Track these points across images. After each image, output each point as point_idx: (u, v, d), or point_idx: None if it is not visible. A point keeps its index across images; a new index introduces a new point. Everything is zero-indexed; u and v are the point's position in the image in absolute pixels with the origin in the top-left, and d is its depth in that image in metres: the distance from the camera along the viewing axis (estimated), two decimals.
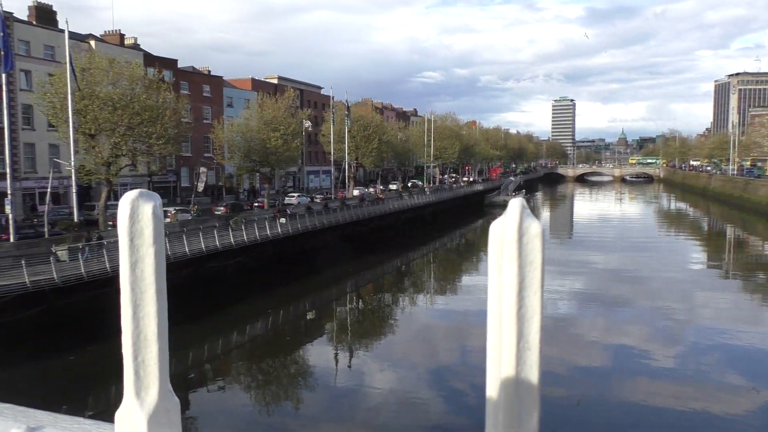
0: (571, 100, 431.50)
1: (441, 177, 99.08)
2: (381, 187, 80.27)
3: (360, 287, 39.65)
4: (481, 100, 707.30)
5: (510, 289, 1.22)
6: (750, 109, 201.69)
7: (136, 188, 1.34)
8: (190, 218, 42.11)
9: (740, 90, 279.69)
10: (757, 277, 41.74)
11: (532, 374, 1.24)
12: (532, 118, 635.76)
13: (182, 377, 21.58)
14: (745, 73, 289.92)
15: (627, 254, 46.93)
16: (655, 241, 56.91)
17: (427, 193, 72.67)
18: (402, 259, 49.43)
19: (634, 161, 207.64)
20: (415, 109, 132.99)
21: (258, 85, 75.65)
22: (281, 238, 39.83)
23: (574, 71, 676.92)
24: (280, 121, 52.56)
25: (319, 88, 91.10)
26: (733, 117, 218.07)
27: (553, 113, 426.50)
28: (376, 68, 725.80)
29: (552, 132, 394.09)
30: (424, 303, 35.27)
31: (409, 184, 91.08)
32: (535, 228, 1.18)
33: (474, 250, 57.62)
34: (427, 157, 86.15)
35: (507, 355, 1.28)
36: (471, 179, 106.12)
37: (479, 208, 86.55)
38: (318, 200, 61.91)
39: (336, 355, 25.25)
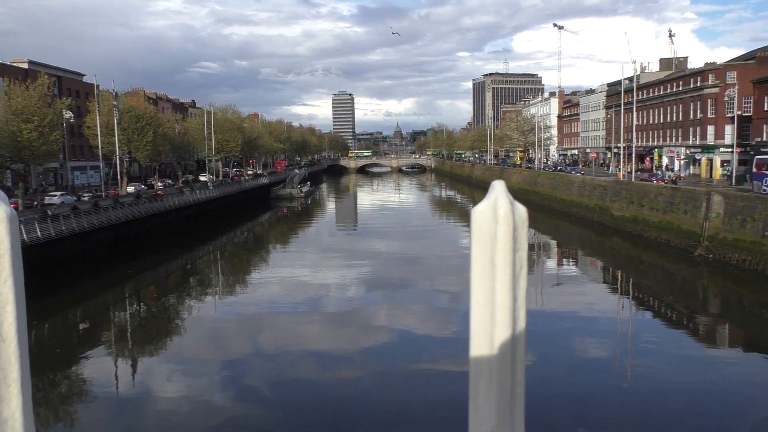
0: (350, 95, 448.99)
1: (225, 171, 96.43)
2: (160, 184, 75.70)
3: (141, 290, 36.99)
4: (263, 92, 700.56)
5: (505, 277, 1.16)
6: (502, 106, 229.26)
7: None
8: None
9: (494, 88, 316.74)
10: None
11: (520, 359, 1.19)
12: (314, 111, 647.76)
13: None
14: (497, 74, 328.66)
15: (407, 241, 50.38)
16: (430, 227, 61.93)
17: (210, 187, 70.17)
18: (187, 258, 47.21)
19: (430, 152, 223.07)
20: (193, 101, 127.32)
21: (3, 69, 66.00)
22: (43, 242, 35.40)
23: (352, 67, 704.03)
24: (33, 111, 46.58)
25: (81, 75, 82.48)
26: (489, 112, 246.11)
27: (333, 107, 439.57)
28: (148, 56, 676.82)
29: (333, 125, 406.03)
30: (213, 301, 34.11)
31: (191, 179, 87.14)
32: (522, 212, 1.14)
33: (262, 243, 57.18)
34: (208, 151, 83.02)
35: (499, 345, 1.22)
36: (256, 172, 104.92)
37: (265, 202, 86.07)
38: (86, 199, 56.20)
39: (117, 365, 23.27)
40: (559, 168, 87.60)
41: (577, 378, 20.60)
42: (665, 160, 78.95)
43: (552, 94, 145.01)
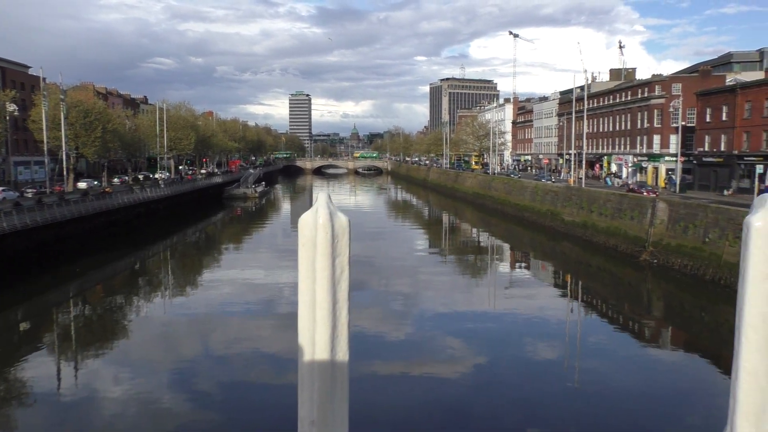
0: (307, 95, 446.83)
1: (184, 169, 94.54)
2: (117, 180, 73.92)
3: (87, 290, 35.87)
4: (219, 90, 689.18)
5: (324, 280, 1.24)
6: (458, 111, 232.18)
7: None
8: None
9: (450, 93, 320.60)
10: (467, 258, 48.33)
11: (342, 354, 1.26)
12: (270, 111, 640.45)
13: None
14: (454, 79, 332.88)
15: (363, 242, 50.33)
16: (386, 229, 62.11)
17: (162, 186, 68.61)
18: (135, 258, 46.05)
19: (358, 155, 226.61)
20: (145, 97, 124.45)
21: None
22: None
23: (309, 67, 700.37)
24: None
25: (27, 67, 79.45)
26: (445, 117, 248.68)
27: (290, 107, 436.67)
28: (99, 49, 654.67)
29: (290, 125, 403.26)
30: (163, 302, 33.36)
31: (141, 177, 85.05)
32: (343, 221, 1.21)
33: (215, 243, 56.26)
34: (160, 148, 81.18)
35: (320, 341, 1.29)
36: (209, 171, 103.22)
37: (218, 201, 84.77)
38: (29, 195, 54.13)
39: (59, 367, 22.48)
40: (511, 174, 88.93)
41: (526, 380, 20.97)
42: (614, 167, 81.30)
43: (507, 100, 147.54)
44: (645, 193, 49.31)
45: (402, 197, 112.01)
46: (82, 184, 64.63)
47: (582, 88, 74.52)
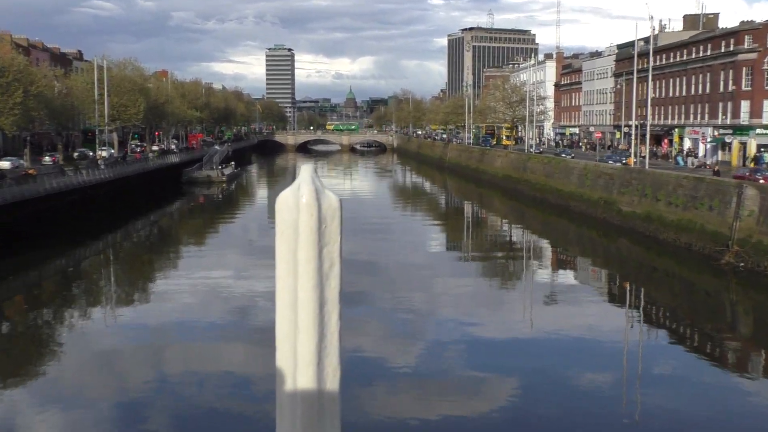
0: (289, 50, 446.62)
1: (125, 145, 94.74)
2: (48, 158, 73.88)
3: (4, 302, 36.02)
4: (175, 43, 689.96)
5: (308, 276, 1.18)
6: (485, 70, 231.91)
7: None
8: None
9: (475, 47, 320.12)
10: (495, 259, 48.37)
11: (332, 369, 1.21)
12: (242, 71, 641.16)
13: None
14: (480, 29, 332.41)
15: (361, 238, 50.37)
16: (391, 223, 62.21)
17: (102, 167, 68.76)
18: (69, 259, 46.31)
19: (331, 127, 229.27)
20: (79, 51, 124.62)
21: None
22: None
23: (292, 13, 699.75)
24: None
25: None
26: (468, 78, 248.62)
27: (267, 66, 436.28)
28: None
29: (267, 89, 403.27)
30: (104, 315, 33.53)
31: (76, 155, 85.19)
32: (333, 201, 1.16)
33: (171, 241, 56.44)
34: (100, 118, 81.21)
35: (304, 355, 1.24)
36: (163, 148, 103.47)
37: (176, 186, 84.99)
38: None
39: None
40: (563, 152, 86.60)
41: (573, 419, 21.02)
42: (687, 143, 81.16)
43: (548, 56, 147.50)
44: (763, 181, 45.57)
45: (412, 181, 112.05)
46: (4, 164, 64.65)
47: (647, 40, 74.26)
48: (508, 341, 28.85)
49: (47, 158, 74.73)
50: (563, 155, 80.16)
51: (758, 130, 67.86)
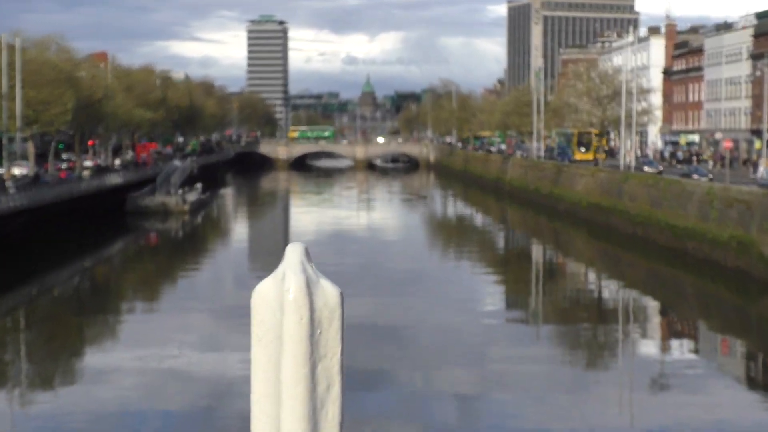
0: (281, 23, 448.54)
1: (45, 159, 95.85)
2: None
3: None
4: (119, 15, 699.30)
5: (295, 400, 1.17)
6: (561, 51, 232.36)
7: None
8: None
9: (546, 18, 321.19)
10: (577, 324, 47.91)
11: None
12: (214, 53, 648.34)
13: None
14: None
15: (383, 295, 50.33)
16: (425, 272, 61.94)
17: (12, 190, 69.56)
18: None
19: (295, 133, 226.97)
20: None
21: None
22: None
23: None
24: None
25: None
26: (537, 62, 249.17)
27: (250, 45, 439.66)
28: None
29: (249, 80, 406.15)
30: (10, 405, 33.63)
31: None
32: (331, 295, 1.14)
33: (110, 298, 56.53)
34: (9, 121, 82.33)
35: None
36: (100, 164, 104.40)
37: (118, 218, 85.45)
38: None
39: None
40: (695, 172, 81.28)
41: None
42: None
43: (653, 31, 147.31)
44: None
45: (456, 213, 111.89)
46: None
47: None
48: None
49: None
50: (696, 176, 75.72)
51: None
